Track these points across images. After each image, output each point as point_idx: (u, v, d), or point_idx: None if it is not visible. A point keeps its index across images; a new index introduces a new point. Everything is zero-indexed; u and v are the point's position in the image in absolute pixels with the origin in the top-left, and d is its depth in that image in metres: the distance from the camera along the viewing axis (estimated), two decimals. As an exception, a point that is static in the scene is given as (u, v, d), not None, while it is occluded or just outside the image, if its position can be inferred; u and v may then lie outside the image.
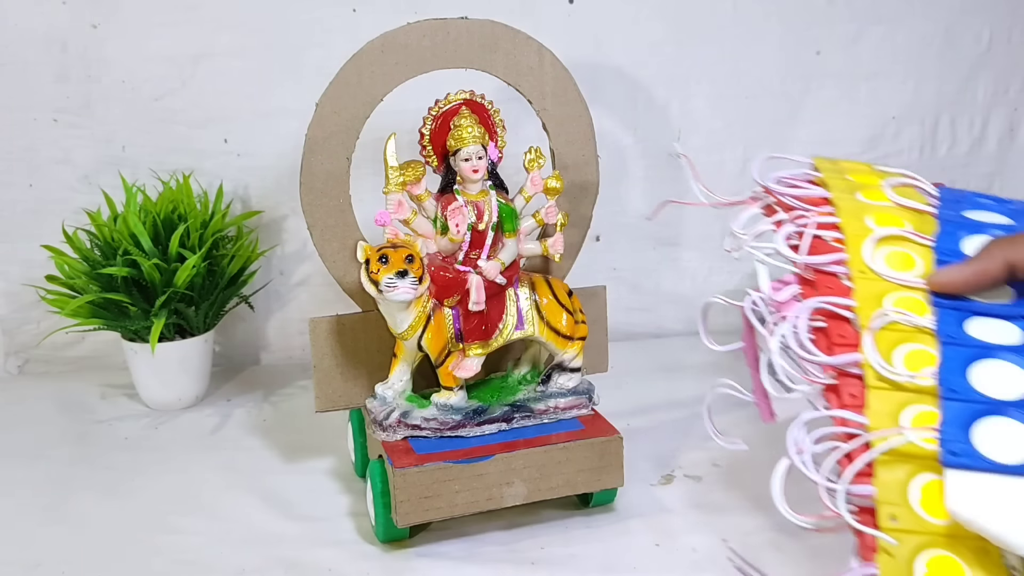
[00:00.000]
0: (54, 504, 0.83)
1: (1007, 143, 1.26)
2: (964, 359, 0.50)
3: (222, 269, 1.03)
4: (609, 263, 1.19)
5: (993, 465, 0.46)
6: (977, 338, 0.51)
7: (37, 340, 1.13)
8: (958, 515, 0.45)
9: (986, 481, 0.46)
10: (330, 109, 0.77)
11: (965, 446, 0.47)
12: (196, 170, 1.09)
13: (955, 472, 0.47)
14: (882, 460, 0.49)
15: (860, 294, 0.54)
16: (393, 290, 0.71)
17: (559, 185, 0.80)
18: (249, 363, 1.18)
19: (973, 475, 0.46)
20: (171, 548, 0.76)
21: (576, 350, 0.80)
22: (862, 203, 0.59)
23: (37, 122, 1.09)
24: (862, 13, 1.18)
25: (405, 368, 0.79)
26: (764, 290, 0.57)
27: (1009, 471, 0.46)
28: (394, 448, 0.75)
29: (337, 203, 0.78)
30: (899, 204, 0.59)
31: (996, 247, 0.52)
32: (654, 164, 1.19)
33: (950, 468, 0.47)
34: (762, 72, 1.18)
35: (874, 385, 0.51)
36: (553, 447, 0.75)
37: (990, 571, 0.46)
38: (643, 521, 0.78)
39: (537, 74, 0.81)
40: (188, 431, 0.98)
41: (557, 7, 1.13)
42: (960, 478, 0.47)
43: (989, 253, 0.52)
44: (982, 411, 0.48)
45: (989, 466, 0.46)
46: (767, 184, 0.64)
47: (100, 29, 1.07)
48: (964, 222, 0.57)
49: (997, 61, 1.23)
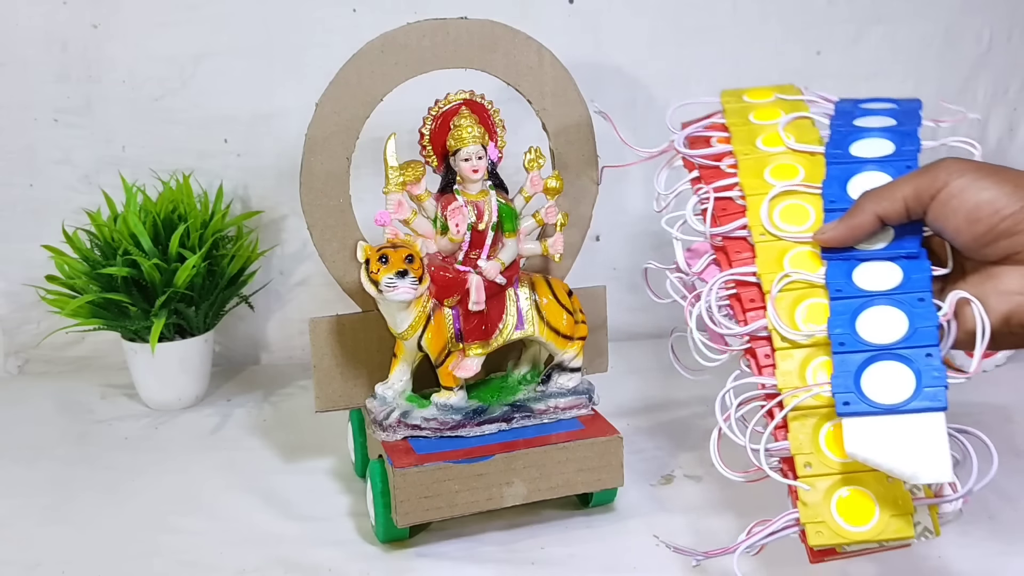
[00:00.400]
0: (54, 504, 0.83)
1: (1007, 143, 1.26)
2: (852, 311, 0.55)
3: (222, 269, 1.03)
4: (609, 263, 1.19)
5: (880, 407, 0.52)
6: (862, 288, 0.56)
7: (37, 340, 1.13)
8: (856, 455, 0.52)
9: (876, 423, 0.52)
10: (330, 109, 0.77)
11: (854, 394, 0.53)
12: (196, 170, 1.09)
13: (849, 419, 0.53)
14: (793, 415, 0.55)
15: (762, 258, 0.60)
16: (393, 290, 0.71)
17: (559, 185, 0.80)
18: (249, 363, 1.18)
19: (864, 419, 0.52)
20: (171, 548, 0.76)
21: (576, 350, 0.80)
22: (762, 154, 0.65)
23: (37, 122, 1.09)
24: (862, 13, 1.18)
25: (405, 368, 0.79)
26: (681, 264, 0.63)
27: (893, 410, 0.52)
28: (394, 448, 0.75)
29: (337, 203, 0.78)
30: (793, 149, 0.64)
31: (866, 200, 0.58)
32: (654, 164, 1.19)
33: (843, 416, 0.53)
34: (762, 72, 1.18)
35: (779, 347, 0.57)
36: (553, 447, 0.75)
37: (894, 497, 0.53)
38: (643, 521, 0.78)
39: (537, 74, 0.81)
40: (188, 431, 0.98)
41: (557, 7, 1.12)
42: (854, 423, 0.52)
43: (860, 208, 0.58)
44: (869, 359, 0.54)
45: (877, 409, 0.52)
46: (675, 145, 0.69)
47: (100, 29, 1.07)
48: (848, 161, 0.62)
49: (997, 61, 1.23)
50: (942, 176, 0.55)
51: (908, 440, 0.52)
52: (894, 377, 0.53)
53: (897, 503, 0.53)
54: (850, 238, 0.58)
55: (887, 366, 0.54)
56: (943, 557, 0.71)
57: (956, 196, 0.54)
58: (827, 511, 0.54)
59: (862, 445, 0.52)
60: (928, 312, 0.55)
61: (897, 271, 0.57)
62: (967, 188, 0.54)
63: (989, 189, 0.53)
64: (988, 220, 0.53)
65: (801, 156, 0.64)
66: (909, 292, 0.56)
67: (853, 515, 0.53)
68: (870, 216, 0.57)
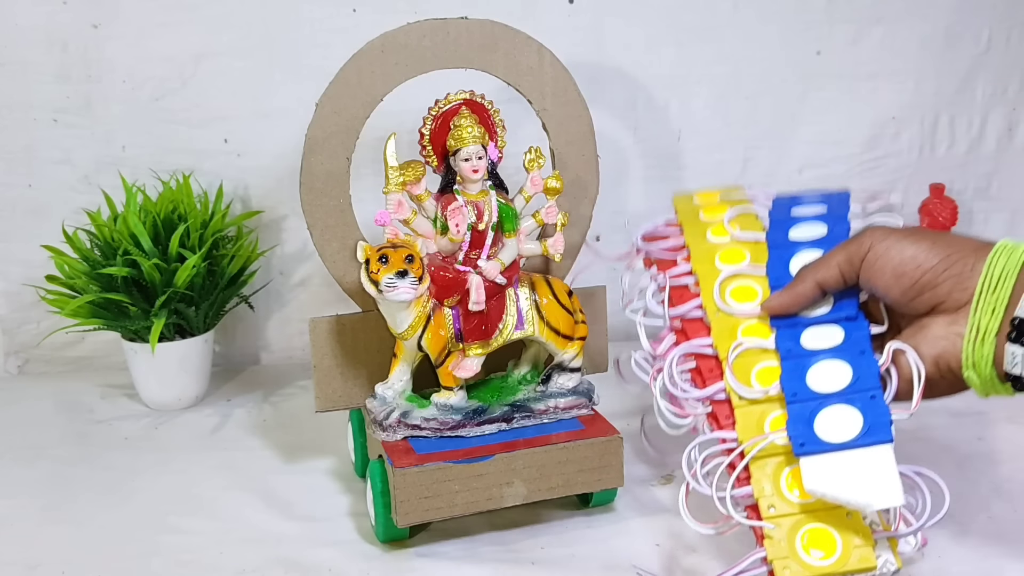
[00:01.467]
0: (54, 504, 0.83)
1: (1006, 143, 1.26)
2: (801, 368, 0.62)
3: (222, 269, 1.03)
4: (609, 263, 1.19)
5: (831, 446, 0.58)
6: (809, 348, 0.63)
7: (37, 340, 1.13)
8: (815, 492, 0.57)
9: (830, 460, 0.58)
10: (330, 109, 0.77)
11: (809, 436, 0.59)
12: (196, 170, 1.09)
13: (806, 459, 0.58)
14: (754, 463, 0.60)
15: (717, 331, 0.66)
16: (393, 290, 0.71)
17: (559, 185, 0.80)
18: (249, 363, 1.18)
19: (819, 457, 0.58)
20: (171, 548, 0.76)
21: (576, 350, 0.80)
22: (711, 245, 0.72)
23: (37, 122, 1.09)
24: (862, 13, 1.18)
25: (405, 368, 0.79)
26: (644, 346, 0.70)
27: (845, 447, 0.58)
28: (394, 448, 0.75)
29: (337, 203, 0.78)
30: (738, 239, 0.71)
31: (805, 271, 0.64)
32: (654, 164, 1.19)
33: (801, 456, 0.58)
34: (762, 72, 1.18)
35: (738, 405, 0.63)
36: (553, 447, 0.75)
37: (855, 531, 0.58)
38: (643, 521, 0.78)
39: (537, 74, 0.81)
40: (188, 431, 0.98)
41: (557, 7, 1.13)
42: (810, 463, 0.58)
43: (801, 278, 0.64)
44: (818, 406, 0.60)
45: (829, 447, 0.58)
46: (637, 243, 0.78)
47: (100, 29, 1.07)
48: (787, 245, 0.69)
49: (996, 61, 1.23)
50: (867, 241, 0.61)
51: (860, 472, 0.57)
52: (843, 419, 0.59)
53: (858, 535, 0.58)
54: (794, 305, 0.64)
55: (836, 410, 0.60)
56: (943, 557, 0.71)
57: (882, 256, 0.60)
58: (792, 548, 0.58)
59: (819, 481, 0.57)
60: (870, 362, 0.61)
61: (839, 331, 0.63)
62: (891, 248, 0.60)
63: (910, 247, 0.59)
64: (912, 274, 0.59)
65: (746, 244, 0.71)
66: (851, 348, 0.62)
67: (817, 549, 0.58)
68: (810, 284, 0.63)
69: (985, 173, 1.27)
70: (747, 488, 0.60)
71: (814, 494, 0.57)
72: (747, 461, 0.60)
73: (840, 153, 1.22)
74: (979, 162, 1.26)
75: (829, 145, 1.22)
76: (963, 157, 1.25)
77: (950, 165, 1.25)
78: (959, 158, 1.25)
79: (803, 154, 1.22)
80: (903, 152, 1.24)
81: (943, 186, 1.14)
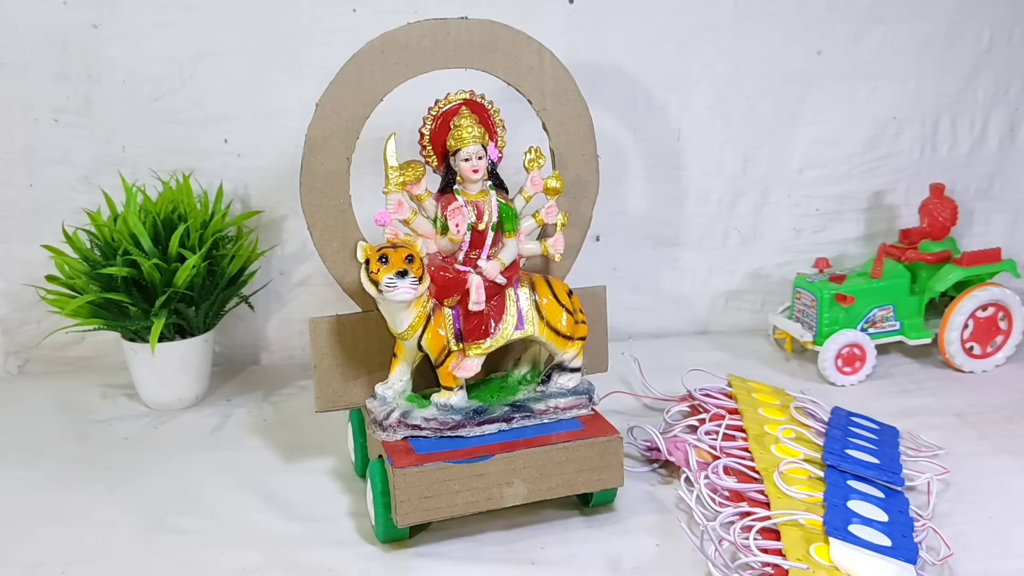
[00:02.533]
0: (54, 504, 0.83)
1: (1008, 143, 1.26)
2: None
3: (222, 269, 1.03)
4: (609, 263, 1.19)
5: (861, 542, 0.69)
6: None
7: (37, 340, 1.13)
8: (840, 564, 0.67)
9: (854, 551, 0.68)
10: (330, 109, 0.77)
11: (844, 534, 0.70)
12: (196, 170, 1.09)
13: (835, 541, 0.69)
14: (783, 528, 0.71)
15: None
16: (393, 290, 0.71)
17: (559, 185, 0.80)
18: (249, 363, 1.18)
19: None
20: (171, 548, 0.76)
21: (576, 350, 0.80)
22: (762, 417, 0.87)
23: (37, 122, 1.09)
24: (862, 13, 1.18)
25: (405, 368, 0.79)
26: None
27: (870, 548, 0.68)
28: (394, 448, 0.75)
29: (337, 203, 0.78)
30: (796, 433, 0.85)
31: None
32: (654, 164, 1.19)
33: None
34: (762, 72, 1.18)
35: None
36: (553, 447, 0.75)
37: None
38: (643, 521, 0.78)
39: (537, 74, 0.81)
40: (188, 431, 0.98)
41: (557, 7, 1.12)
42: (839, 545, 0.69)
43: None
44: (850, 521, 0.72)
45: (858, 542, 0.69)
46: (692, 392, 0.87)
47: (100, 29, 1.07)
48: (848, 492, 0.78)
49: (997, 61, 1.23)
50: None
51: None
52: (868, 535, 0.70)
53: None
54: None
55: (864, 528, 0.71)
56: (943, 558, 0.71)
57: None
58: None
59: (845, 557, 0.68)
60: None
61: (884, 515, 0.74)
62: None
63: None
64: None
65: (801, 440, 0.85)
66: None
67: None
68: None
69: (987, 174, 1.26)
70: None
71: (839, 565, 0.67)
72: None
73: (840, 153, 1.22)
74: (981, 162, 1.26)
75: (829, 145, 1.21)
76: (965, 157, 1.25)
77: (952, 165, 1.25)
78: (961, 158, 1.25)
79: (803, 154, 1.22)
80: (904, 152, 1.23)
81: (943, 186, 1.14)
